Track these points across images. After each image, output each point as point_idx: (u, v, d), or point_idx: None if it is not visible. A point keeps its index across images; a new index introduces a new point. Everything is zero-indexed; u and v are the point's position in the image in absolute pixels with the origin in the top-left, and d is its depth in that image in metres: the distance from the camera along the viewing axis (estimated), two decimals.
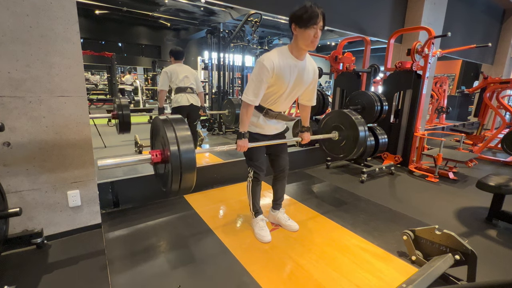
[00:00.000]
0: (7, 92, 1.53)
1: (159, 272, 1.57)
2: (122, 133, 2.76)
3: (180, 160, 1.25)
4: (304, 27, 1.46)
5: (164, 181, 1.41)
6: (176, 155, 1.25)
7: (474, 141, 5.07)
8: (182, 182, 1.30)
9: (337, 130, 2.23)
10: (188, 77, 3.22)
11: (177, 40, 13.92)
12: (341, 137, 2.21)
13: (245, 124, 1.66)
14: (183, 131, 1.30)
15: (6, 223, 1.55)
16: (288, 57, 1.58)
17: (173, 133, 1.27)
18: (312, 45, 1.51)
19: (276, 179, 2.05)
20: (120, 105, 2.67)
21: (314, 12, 1.44)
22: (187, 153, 1.27)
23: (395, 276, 1.59)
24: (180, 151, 1.25)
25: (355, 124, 2.10)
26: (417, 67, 3.36)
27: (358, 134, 2.07)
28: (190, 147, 1.28)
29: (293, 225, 2.05)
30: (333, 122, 2.27)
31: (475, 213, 2.45)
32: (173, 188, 1.31)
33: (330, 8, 3.53)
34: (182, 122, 1.35)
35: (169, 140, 1.25)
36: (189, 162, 1.27)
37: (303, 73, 1.66)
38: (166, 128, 1.28)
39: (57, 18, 1.59)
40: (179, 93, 3.18)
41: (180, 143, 1.26)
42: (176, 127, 1.30)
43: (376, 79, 5.92)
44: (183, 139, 1.28)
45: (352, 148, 2.13)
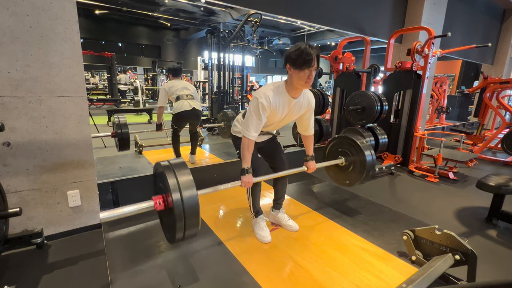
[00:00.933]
0: (7, 92, 1.53)
1: (159, 272, 1.57)
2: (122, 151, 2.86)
3: (183, 206, 1.23)
4: (299, 69, 1.50)
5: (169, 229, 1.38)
6: (178, 202, 1.22)
7: (474, 141, 5.07)
8: (187, 230, 1.27)
9: (344, 155, 2.22)
10: (187, 88, 3.23)
11: (177, 40, 13.93)
12: (347, 162, 2.19)
13: (247, 160, 1.67)
14: (185, 176, 1.28)
15: (6, 223, 1.55)
16: (283, 95, 1.63)
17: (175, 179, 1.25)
18: (307, 85, 1.56)
19: (277, 180, 2.05)
20: (119, 124, 2.75)
21: (309, 55, 1.47)
22: (190, 198, 1.24)
23: (395, 276, 1.59)
24: (182, 197, 1.23)
25: (361, 148, 2.08)
26: (417, 67, 3.36)
27: (365, 158, 2.05)
28: (193, 193, 1.26)
29: (293, 225, 2.05)
30: (339, 147, 2.26)
31: (475, 213, 2.45)
32: (178, 237, 1.28)
33: (330, 8, 3.53)
34: (183, 167, 1.32)
35: (171, 187, 1.23)
36: (192, 208, 1.25)
37: (296, 108, 1.72)
38: (167, 174, 1.26)
39: (57, 18, 1.59)
40: (180, 100, 3.17)
41: (182, 189, 1.24)
42: (178, 172, 1.28)
43: (376, 79, 5.92)
44: (185, 184, 1.26)
45: (361, 173, 2.11)
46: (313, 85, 4.67)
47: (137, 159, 3.80)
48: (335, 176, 2.35)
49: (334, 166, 2.28)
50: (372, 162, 2.09)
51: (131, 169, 3.33)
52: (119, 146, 2.80)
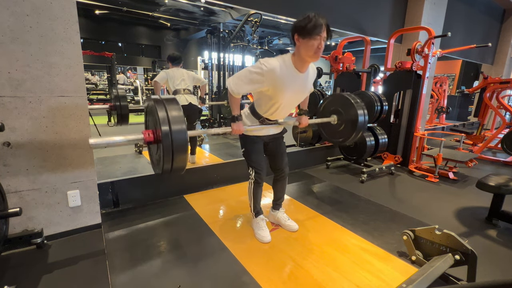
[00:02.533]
0: (7, 92, 1.53)
1: (159, 272, 1.57)
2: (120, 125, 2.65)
3: (172, 140, 1.24)
4: (308, 37, 1.42)
5: (157, 161, 1.40)
6: (167, 135, 1.24)
7: (474, 141, 5.07)
8: (174, 162, 1.29)
9: (336, 114, 2.18)
10: (184, 80, 3.22)
11: (177, 40, 13.92)
12: (340, 121, 2.16)
13: (235, 108, 1.66)
14: (175, 111, 1.29)
15: (6, 223, 1.55)
16: (290, 69, 1.54)
17: (165, 113, 1.27)
18: (316, 56, 1.46)
19: (276, 180, 2.05)
20: (117, 96, 2.53)
21: (318, 21, 1.40)
22: (179, 133, 1.26)
23: (395, 276, 1.59)
24: (171, 131, 1.24)
25: (354, 107, 2.04)
26: (417, 67, 3.36)
27: (357, 117, 2.02)
28: (182, 128, 1.28)
29: (293, 225, 2.05)
30: (332, 106, 2.22)
31: (475, 213, 2.45)
32: (165, 168, 1.30)
33: (330, 8, 3.54)
34: (174, 102, 1.34)
35: (161, 120, 1.24)
36: (180, 142, 1.27)
37: (304, 84, 1.65)
38: (158, 108, 1.27)
39: (57, 18, 1.59)
40: (177, 95, 3.17)
41: (171, 123, 1.25)
42: (168, 107, 1.29)
43: (376, 79, 5.92)
44: (175, 119, 1.27)
45: (351, 132, 2.09)
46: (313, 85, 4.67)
47: (137, 159, 3.80)
48: (328, 131, 2.33)
49: (326, 123, 2.25)
50: (364, 122, 2.05)
51: (131, 169, 3.33)
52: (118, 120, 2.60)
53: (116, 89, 2.61)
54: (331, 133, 2.29)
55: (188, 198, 2.55)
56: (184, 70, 3.31)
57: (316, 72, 1.77)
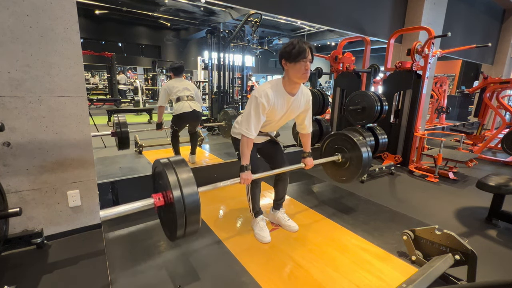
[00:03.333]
0: (7, 92, 1.53)
1: (159, 272, 1.57)
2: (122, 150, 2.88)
3: (184, 203, 1.22)
4: (294, 62, 1.53)
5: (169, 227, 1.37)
6: (179, 199, 1.21)
7: (474, 141, 5.07)
8: (188, 226, 1.26)
9: (340, 152, 2.24)
10: (188, 89, 3.21)
11: (177, 40, 13.93)
12: (344, 159, 2.21)
13: (246, 157, 1.68)
14: (185, 173, 1.27)
15: (6, 223, 1.55)
16: (281, 93, 1.64)
17: (175, 176, 1.24)
18: (304, 77, 1.56)
19: (278, 180, 2.05)
20: (119, 123, 2.76)
21: (302, 47, 1.51)
22: (191, 196, 1.24)
23: (395, 276, 1.59)
24: (183, 194, 1.22)
25: (357, 145, 2.10)
26: (417, 67, 3.36)
27: (361, 155, 2.07)
28: (193, 190, 1.25)
29: (293, 226, 2.05)
30: (335, 144, 2.28)
31: (475, 213, 2.45)
32: (179, 235, 1.27)
33: (330, 8, 3.54)
34: (183, 163, 1.32)
35: (171, 183, 1.22)
36: (193, 205, 1.24)
37: (295, 106, 1.73)
38: (167, 171, 1.25)
39: (57, 18, 1.59)
40: (180, 101, 3.16)
41: (182, 186, 1.23)
42: (178, 169, 1.27)
43: (376, 79, 5.92)
44: (185, 181, 1.25)
45: (357, 170, 2.12)
46: (313, 85, 4.66)
47: (137, 159, 3.80)
48: (331, 172, 2.37)
49: (331, 162, 2.29)
50: (368, 159, 2.11)
51: (131, 169, 3.33)
52: (119, 145, 2.81)
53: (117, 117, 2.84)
54: (336, 172, 2.33)
55: None
56: (187, 81, 3.32)
57: (311, 101, 1.83)
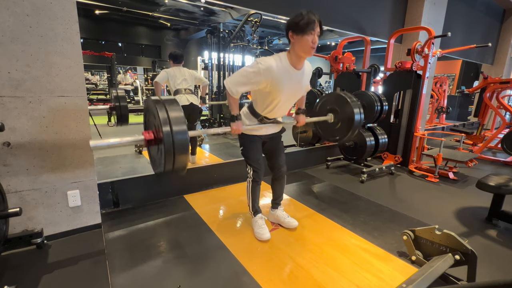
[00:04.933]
0: (7, 92, 1.53)
1: (159, 272, 1.58)
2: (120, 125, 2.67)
3: (173, 140, 1.24)
4: (302, 34, 1.47)
5: (158, 162, 1.40)
6: (169, 135, 1.24)
7: (474, 141, 5.07)
8: (176, 162, 1.29)
9: (333, 112, 2.22)
10: (186, 80, 3.21)
11: (177, 40, 13.91)
12: (336, 119, 2.20)
13: (234, 108, 1.67)
14: (176, 112, 1.29)
15: (6, 223, 1.55)
16: (286, 66, 1.58)
17: (166, 113, 1.26)
18: (311, 51, 1.51)
19: (275, 179, 2.05)
20: (117, 97, 2.55)
21: (311, 18, 1.45)
22: (180, 133, 1.26)
23: (395, 276, 1.59)
24: (173, 131, 1.24)
25: (350, 106, 2.08)
26: (417, 67, 3.36)
27: (353, 116, 2.06)
28: (183, 128, 1.28)
29: (292, 222, 2.06)
30: (329, 104, 2.26)
31: (475, 213, 2.45)
32: (167, 168, 1.30)
33: (330, 8, 3.53)
34: (174, 103, 1.34)
35: (162, 120, 1.24)
36: (182, 142, 1.27)
37: (301, 80, 1.68)
38: (158, 109, 1.27)
39: (57, 18, 1.59)
40: (178, 94, 3.17)
41: (172, 124, 1.25)
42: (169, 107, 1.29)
43: (376, 79, 5.92)
44: (176, 120, 1.27)
45: (347, 130, 2.12)
46: (313, 85, 4.66)
47: (137, 159, 3.80)
48: (324, 132, 2.37)
49: (323, 122, 2.28)
50: (360, 119, 2.09)
51: (131, 169, 3.33)
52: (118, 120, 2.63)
53: (116, 90, 2.62)
54: (328, 131, 2.33)
55: (188, 198, 2.55)
56: (185, 69, 3.30)
57: (312, 70, 1.79)
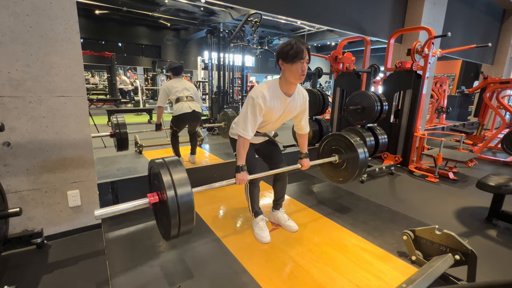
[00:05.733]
0: (7, 92, 1.53)
1: (159, 272, 1.57)
2: (121, 151, 2.84)
3: (178, 203, 1.23)
4: (291, 63, 1.52)
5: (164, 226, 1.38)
6: (173, 199, 1.22)
7: (474, 141, 5.07)
8: (181, 225, 1.28)
9: (337, 153, 2.24)
10: (187, 89, 3.21)
11: (177, 40, 13.93)
12: (341, 160, 2.22)
13: (242, 157, 1.68)
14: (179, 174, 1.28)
15: (6, 223, 1.55)
16: (278, 93, 1.63)
17: (169, 176, 1.26)
18: (300, 78, 1.56)
19: (276, 180, 2.05)
20: (118, 124, 2.72)
21: (299, 47, 1.50)
22: (184, 196, 1.25)
23: (395, 276, 1.59)
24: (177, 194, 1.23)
25: (354, 146, 2.11)
26: (417, 67, 3.36)
27: (358, 156, 2.08)
28: (187, 190, 1.27)
29: (292, 225, 2.05)
30: (332, 145, 2.28)
31: (475, 213, 2.45)
32: (173, 234, 1.29)
33: (330, 8, 3.53)
34: (178, 164, 1.33)
35: (165, 184, 1.24)
36: (186, 205, 1.26)
37: (292, 106, 1.73)
38: (162, 172, 1.27)
39: (57, 18, 1.59)
40: (180, 102, 3.16)
41: (176, 187, 1.24)
42: (172, 170, 1.29)
43: (376, 79, 5.92)
44: (179, 181, 1.26)
45: (354, 171, 2.13)
46: (313, 85, 4.66)
47: (137, 159, 3.80)
48: (329, 173, 2.38)
49: (328, 163, 2.29)
50: (365, 160, 2.11)
51: (131, 169, 3.33)
52: (118, 146, 2.79)
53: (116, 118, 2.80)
54: (333, 172, 2.33)
55: None
56: (187, 81, 3.32)
57: (307, 100, 1.83)
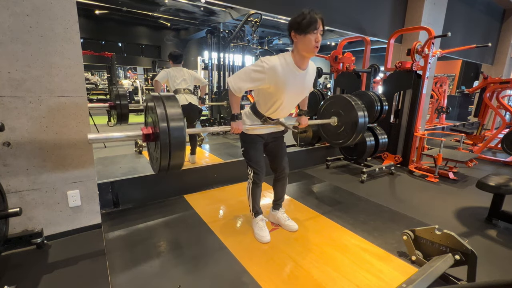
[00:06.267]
0: (7, 92, 1.53)
1: (159, 272, 1.57)
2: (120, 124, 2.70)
3: (170, 136, 1.24)
4: (304, 33, 1.45)
5: (155, 159, 1.39)
6: (165, 131, 1.23)
7: (474, 141, 5.07)
8: (172, 159, 1.28)
9: (337, 115, 2.19)
10: (185, 80, 3.22)
11: (177, 40, 13.92)
12: (340, 122, 2.17)
13: (235, 106, 1.66)
14: (173, 108, 1.28)
15: (6, 223, 1.55)
16: (291, 66, 1.55)
17: (163, 110, 1.26)
18: (314, 50, 1.48)
19: (277, 180, 2.05)
20: (118, 95, 2.57)
21: (313, 17, 1.42)
22: (177, 130, 1.25)
23: (395, 276, 1.59)
24: (169, 127, 1.24)
25: (354, 109, 2.05)
26: (417, 67, 3.36)
27: (357, 119, 2.03)
28: (180, 125, 1.27)
29: (292, 225, 2.05)
30: (333, 107, 2.23)
31: (475, 213, 2.45)
32: (162, 165, 1.29)
33: (330, 8, 3.53)
34: (173, 99, 1.33)
35: (159, 116, 1.24)
36: (178, 139, 1.26)
37: (305, 80, 1.65)
38: (156, 105, 1.27)
39: (57, 18, 1.59)
40: (177, 94, 3.17)
41: (170, 120, 1.25)
42: (167, 104, 1.29)
43: (376, 79, 5.93)
44: (173, 116, 1.26)
45: (351, 134, 2.10)
46: (315, 85, 4.65)
47: (137, 159, 3.80)
48: (327, 135, 2.34)
49: (327, 125, 2.26)
50: (364, 123, 2.06)
51: (131, 169, 3.33)
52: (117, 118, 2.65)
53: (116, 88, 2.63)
54: (331, 134, 2.30)
55: (188, 198, 2.55)
56: (185, 70, 3.32)
57: (316, 71, 1.77)
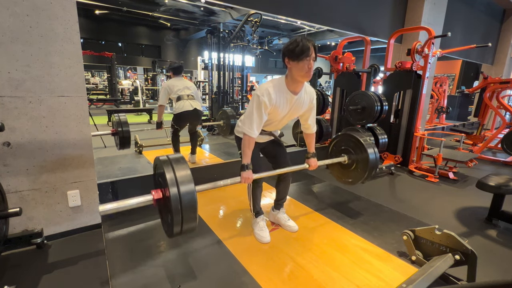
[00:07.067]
0: (7, 92, 1.53)
1: (159, 272, 1.57)
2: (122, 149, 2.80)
3: (181, 201, 1.22)
4: (297, 60, 1.51)
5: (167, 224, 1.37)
6: (176, 196, 1.21)
7: (474, 141, 5.07)
8: (184, 223, 1.26)
9: (346, 153, 2.17)
10: (188, 88, 3.22)
11: (177, 40, 13.94)
12: (350, 160, 2.15)
13: (247, 156, 1.66)
14: (183, 171, 1.27)
15: (6, 223, 1.55)
16: (284, 91, 1.61)
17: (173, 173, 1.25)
18: (307, 75, 1.54)
19: (280, 180, 2.04)
20: (119, 122, 2.67)
21: (305, 45, 1.49)
22: (187, 193, 1.24)
23: (395, 276, 1.59)
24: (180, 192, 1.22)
25: (364, 146, 2.04)
26: (417, 67, 3.36)
27: (368, 157, 2.01)
28: (190, 188, 1.25)
29: (293, 226, 2.05)
30: (341, 145, 2.22)
31: (475, 213, 2.45)
32: (175, 231, 1.28)
33: (330, 8, 3.53)
34: (181, 161, 1.32)
35: (168, 180, 1.22)
36: (189, 203, 1.24)
37: (298, 105, 1.71)
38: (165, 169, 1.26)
39: (57, 18, 1.59)
40: (181, 100, 3.16)
41: (179, 184, 1.23)
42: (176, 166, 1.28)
43: (376, 79, 5.92)
44: (183, 179, 1.25)
45: (364, 172, 2.06)
46: (313, 85, 4.66)
47: (137, 159, 3.80)
48: (337, 174, 2.31)
49: (336, 164, 2.24)
50: (375, 161, 2.05)
51: (131, 169, 3.33)
52: (120, 144, 2.74)
53: (118, 116, 2.73)
54: (342, 173, 2.26)
55: None
56: (187, 81, 3.33)
57: (315, 99, 1.80)
